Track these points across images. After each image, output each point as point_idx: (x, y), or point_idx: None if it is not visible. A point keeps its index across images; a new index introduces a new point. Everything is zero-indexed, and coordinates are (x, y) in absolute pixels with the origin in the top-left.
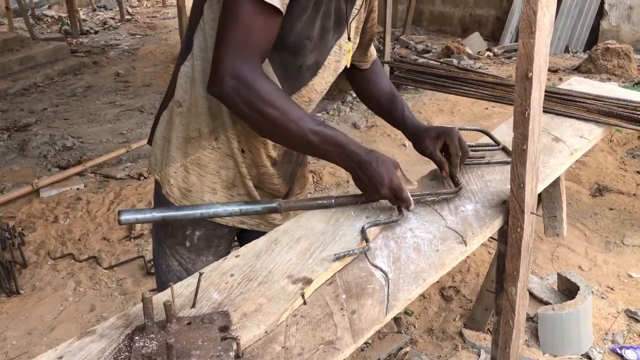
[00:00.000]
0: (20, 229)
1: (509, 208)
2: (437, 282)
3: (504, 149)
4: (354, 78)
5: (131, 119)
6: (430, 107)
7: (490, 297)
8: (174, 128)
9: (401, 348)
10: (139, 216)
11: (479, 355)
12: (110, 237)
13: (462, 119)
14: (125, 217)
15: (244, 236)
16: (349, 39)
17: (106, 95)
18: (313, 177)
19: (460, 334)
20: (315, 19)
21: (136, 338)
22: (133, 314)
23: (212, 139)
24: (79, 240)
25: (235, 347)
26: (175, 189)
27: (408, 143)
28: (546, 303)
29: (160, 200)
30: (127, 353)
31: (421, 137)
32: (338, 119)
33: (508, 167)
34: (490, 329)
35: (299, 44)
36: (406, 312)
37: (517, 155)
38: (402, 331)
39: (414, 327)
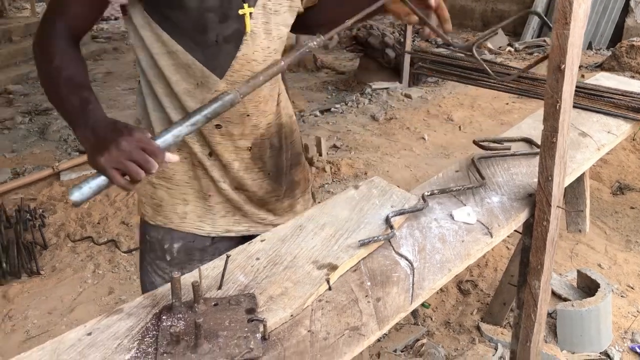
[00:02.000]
0: (40, 210)
1: (535, 201)
2: (455, 275)
3: (531, 142)
4: (314, 17)
5: None
6: (450, 101)
7: (508, 292)
8: None
9: (418, 340)
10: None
11: (496, 349)
12: (129, 222)
13: (483, 114)
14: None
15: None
16: None
17: (126, 82)
18: (331, 169)
19: (478, 328)
20: None
21: (164, 317)
22: (160, 294)
23: (173, 150)
24: (98, 223)
25: (261, 329)
26: (147, 207)
27: (427, 136)
28: (565, 300)
29: (141, 225)
30: (154, 332)
31: None
32: (356, 110)
33: (534, 161)
34: (508, 324)
35: (200, 18)
36: (423, 305)
37: (546, 148)
38: (419, 323)
39: (431, 319)
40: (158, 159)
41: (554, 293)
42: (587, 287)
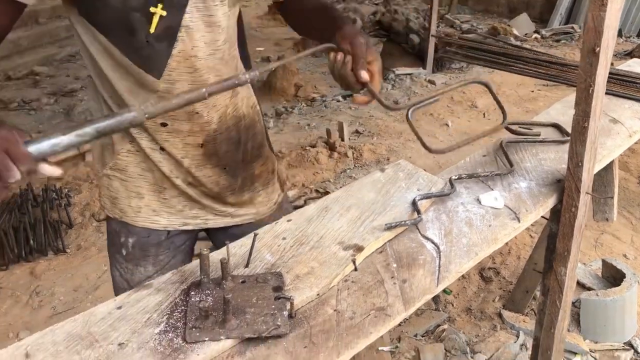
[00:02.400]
0: (66, 190)
1: (563, 187)
2: (477, 262)
3: (559, 128)
4: (287, 10)
5: None
6: (474, 88)
7: (531, 280)
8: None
9: (439, 325)
10: None
11: (517, 336)
12: None
13: (507, 101)
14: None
15: (217, 236)
16: None
17: None
18: (353, 154)
19: (499, 315)
20: None
21: (192, 293)
22: (188, 271)
23: (126, 142)
24: None
25: (288, 306)
26: (105, 199)
27: (451, 122)
28: (589, 289)
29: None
30: (183, 307)
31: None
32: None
33: (563, 147)
34: (530, 312)
35: (126, 19)
36: (445, 291)
37: (577, 133)
38: (440, 309)
39: (452, 305)
40: (23, 166)
41: (578, 282)
42: (612, 277)
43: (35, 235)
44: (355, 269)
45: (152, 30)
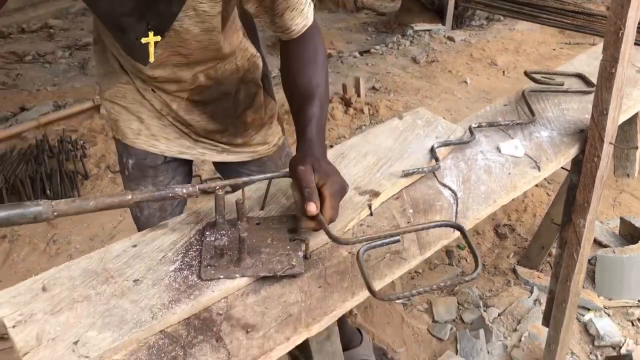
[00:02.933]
0: (82, 142)
1: (586, 137)
2: (492, 219)
3: (584, 79)
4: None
5: None
6: (495, 45)
7: (547, 236)
8: (95, 65)
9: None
10: None
11: (531, 292)
12: None
13: (528, 59)
14: None
15: (225, 168)
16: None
17: None
18: (369, 110)
19: (513, 271)
20: None
21: (207, 233)
22: (203, 212)
23: (124, 74)
24: None
25: (303, 248)
26: (111, 122)
27: (470, 80)
28: (606, 247)
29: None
30: (198, 246)
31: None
32: (397, 52)
33: (587, 97)
34: (545, 268)
35: (117, 22)
36: (458, 246)
37: (603, 79)
38: (454, 264)
39: (466, 260)
40: None
41: (594, 240)
42: (630, 235)
43: (51, 186)
44: (371, 214)
45: (151, 59)
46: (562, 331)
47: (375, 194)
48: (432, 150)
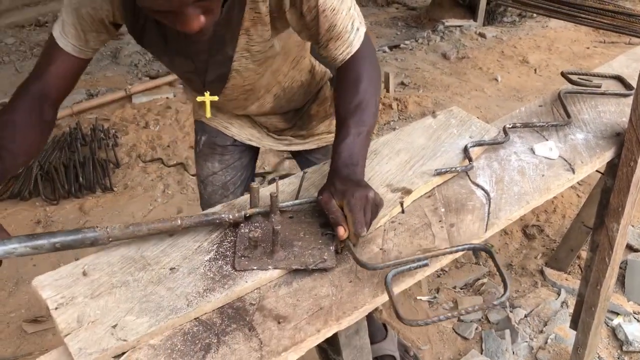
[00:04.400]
0: (114, 131)
1: (622, 141)
2: (521, 219)
3: (622, 81)
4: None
5: None
6: (527, 43)
7: (577, 238)
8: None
9: (478, 279)
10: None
11: (558, 294)
12: None
13: (560, 57)
14: None
15: (295, 152)
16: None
17: None
18: (397, 105)
19: (541, 272)
20: (173, 59)
21: (241, 225)
22: (238, 204)
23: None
24: (168, 146)
25: (335, 242)
26: (193, 104)
27: (500, 77)
28: (637, 251)
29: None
30: (232, 237)
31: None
32: (427, 48)
33: (625, 100)
34: (573, 270)
35: (182, 75)
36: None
37: None
38: (481, 263)
39: None
40: None
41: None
42: None
43: (84, 173)
44: (403, 211)
45: (207, 115)
46: (591, 335)
47: (407, 192)
48: (465, 150)
